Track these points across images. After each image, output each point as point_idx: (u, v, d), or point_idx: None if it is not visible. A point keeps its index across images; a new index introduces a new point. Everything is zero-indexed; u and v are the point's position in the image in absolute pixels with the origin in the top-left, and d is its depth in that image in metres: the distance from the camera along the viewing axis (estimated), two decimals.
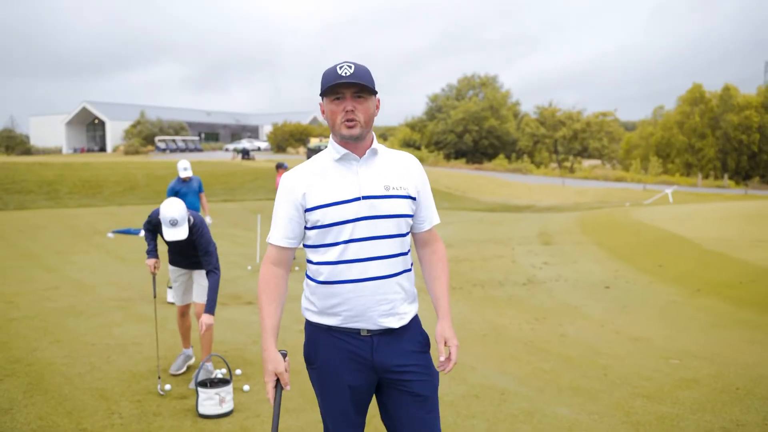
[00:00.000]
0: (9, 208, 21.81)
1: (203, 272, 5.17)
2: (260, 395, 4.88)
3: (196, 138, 67.30)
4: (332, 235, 2.36)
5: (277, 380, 2.37)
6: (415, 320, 2.54)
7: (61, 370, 5.50)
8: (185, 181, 9.17)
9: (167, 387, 4.95)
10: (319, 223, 2.36)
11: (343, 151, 2.40)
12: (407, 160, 2.54)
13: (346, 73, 2.31)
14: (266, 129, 77.08)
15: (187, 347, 5.66)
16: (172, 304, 8.12)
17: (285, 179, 2.46)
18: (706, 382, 5.10)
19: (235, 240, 15.30)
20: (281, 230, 2.43)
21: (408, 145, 66.48)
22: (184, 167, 9.06)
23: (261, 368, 5.53)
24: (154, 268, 5.24)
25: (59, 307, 7.96)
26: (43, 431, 4.21)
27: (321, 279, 2.41)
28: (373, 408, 2.80)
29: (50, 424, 4.32)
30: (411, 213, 2.47)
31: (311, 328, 2.50)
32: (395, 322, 2.43)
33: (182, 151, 60.40)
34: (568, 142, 63.17)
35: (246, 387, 5.04)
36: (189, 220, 4.90)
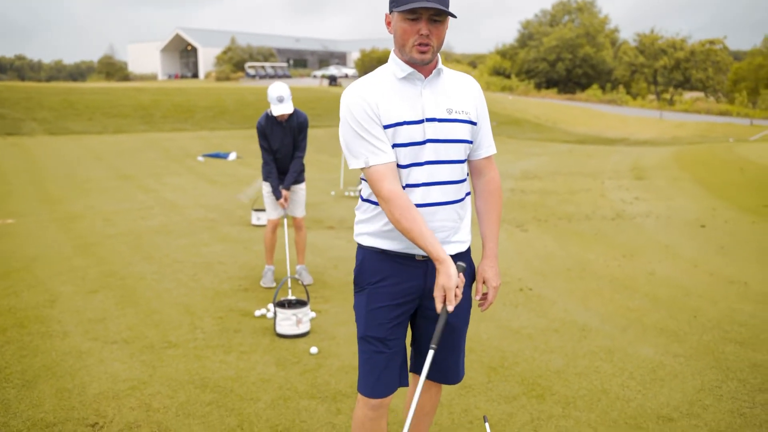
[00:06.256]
0: (108, 132, 22.87)
1: (296, 188, 5.83)
2: (337, 318, 4.94)
3: (285, 65, 67.80)
4: (399, 156, 2.21)
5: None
6: (469, 249, 2.46)
7: (151, 284, 5.76)
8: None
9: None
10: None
11: (409, 69, 2.22)
12: (469, 82, 2.37)
13: None
14: (354, 56, 76.59)
15: (270, 263, 5.95)
16: (257, 226, 8.34)
17: (351, 96, 2.21)
18: None
19: (320, 166, 15.45)
20: (383, 143, 2.19)
21: (498, 73, 64.48)
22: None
23: (339, 292, 5.60)
24: (285, 201, 5.68)
25: (152, 226, 8.32)
26: (132, 341, 4.43)
27: None
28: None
29: (138, 335, 4.54)
30: (471, 139, 2.33)
31: (364, 252, 2.39)
32: (452, 249, 2.34)
33: (271, 77, 61.13)
34: (668, 72, 59.23)
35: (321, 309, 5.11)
36: (299, 115, 5.60)
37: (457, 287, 2.14)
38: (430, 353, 2.14)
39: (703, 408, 3.53)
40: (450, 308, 2.15)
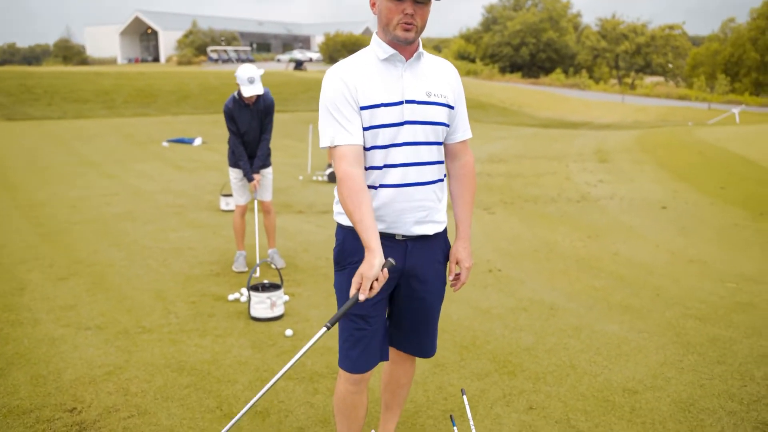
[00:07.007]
0: (68, 117, 22.36)
1: (264, 172, 5.83)
2: (310, 301, 4.99)
3: (248, 48, 66.96)
4: (377, 137, 2.27)
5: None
6: (446, 229, 2.54)
7: (121, 271, 5.72)
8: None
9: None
10: (365, 125, 2.26)
11: (391, 51, 2.28)
12: (447, 67, 2.45)
13: None
14: (318, 39, 75.96)
15: (241, 248, 5.97)
16: (226, 211, 8.31)
17: (332, 76, 2.29)
18: (764, 306, 4.95)
19: (287, 151, 15.38)
20: (352, 125, 2.23)
21: (462, 57, 64.70)
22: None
23: (311, 275, 5.64)
24: (257, 183, 5.72)
25: (118, 212, 8.22)
26: (105, 326, 4.42)
27: None
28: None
29: (111, 321, 4.53)
30: (448, 122, 2.40)
31: (344, 231, 2.42)
32: (430, 229, 2.42)
33: (234, 62, 60.29)
34: (630, 56, 60.29)
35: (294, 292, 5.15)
36: (266, 97, 5.59)
37: (376, 280, 2.10)
38: (322, 330, 2.12)
39: (666, 380, 3.68)
40: (362, 297, 2.10)
